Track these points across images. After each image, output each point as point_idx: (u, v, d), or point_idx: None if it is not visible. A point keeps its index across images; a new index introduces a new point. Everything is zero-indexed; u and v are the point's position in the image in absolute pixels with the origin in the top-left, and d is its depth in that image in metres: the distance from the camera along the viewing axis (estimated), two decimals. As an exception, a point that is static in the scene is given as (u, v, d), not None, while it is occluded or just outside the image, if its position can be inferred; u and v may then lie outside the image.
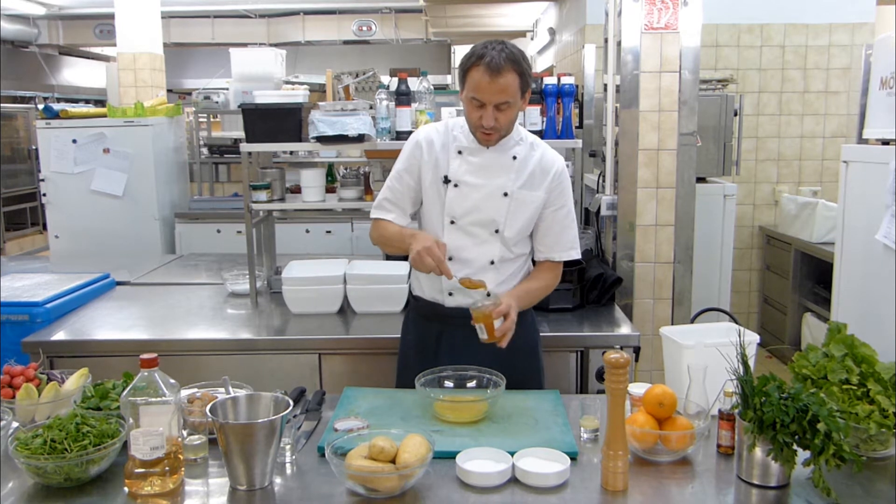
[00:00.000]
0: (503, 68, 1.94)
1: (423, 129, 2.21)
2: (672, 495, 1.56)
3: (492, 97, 1.97)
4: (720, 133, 4.46)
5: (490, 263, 2.14)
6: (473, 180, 2.11)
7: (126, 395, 1.53)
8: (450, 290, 2.16)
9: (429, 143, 2.16)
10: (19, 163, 9.06)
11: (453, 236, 2.13)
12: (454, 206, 2.12)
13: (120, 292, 3.26)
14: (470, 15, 7.58)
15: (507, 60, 1.95)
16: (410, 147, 2.18)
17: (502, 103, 1.98)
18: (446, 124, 2.20)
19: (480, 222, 2.12)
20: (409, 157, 2.17)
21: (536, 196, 2.14)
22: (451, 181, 2.11)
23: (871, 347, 1.74)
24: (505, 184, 2.11)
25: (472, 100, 2.00)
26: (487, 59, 1.94)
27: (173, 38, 9.63)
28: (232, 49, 6.03)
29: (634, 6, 3.06)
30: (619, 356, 1.53)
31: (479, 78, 1.95)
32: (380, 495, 1.51)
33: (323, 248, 5.08)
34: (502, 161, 2.12)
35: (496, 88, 1.96)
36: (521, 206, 2.13)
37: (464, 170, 2.12)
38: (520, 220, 2.14)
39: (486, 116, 2.00)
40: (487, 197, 2.11)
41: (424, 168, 2.15)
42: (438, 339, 2.19)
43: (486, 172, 2.12)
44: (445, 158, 2.14)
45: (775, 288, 5.37)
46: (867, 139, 2.66)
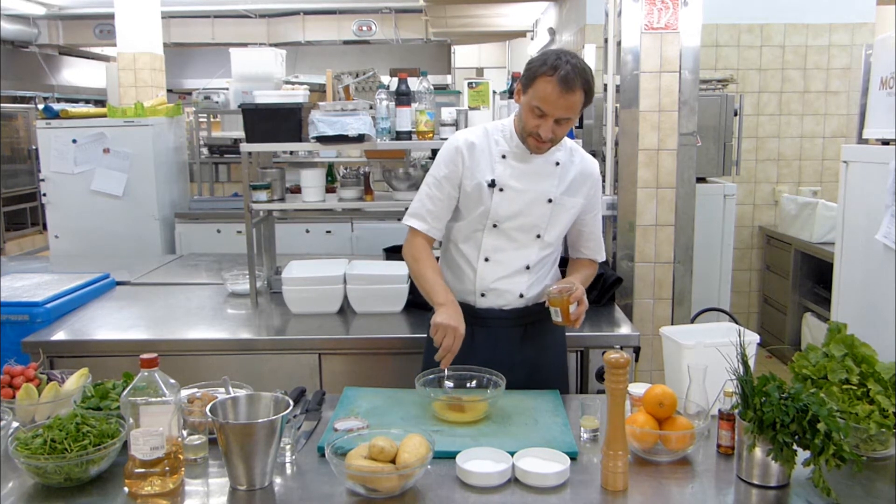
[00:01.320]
0: (575, 85, 1.92)
1: (462, 135, 2.18)
2: (672, 495, 1.56)
3: (557, 111, 1.95)
4: (720, 133, 4.45)
5: (525, 268, 2.15)
6: (519, 185, 2.11)
7: (126, 395, 1.53)
8: (482, 292, 2.17)
9: (469, 147, 2.13)
10: (19, 163, 9.05)
11: (493, 238, 2.14)
12: (499, 210, 2.11)
13: (120, 292, 3.26)
14: (470, 15, 7.58)
15: (579, 77, 1.92)
16: (450, 153, 2.14)
17: (564, 119, 1.98)
18: (485, 129, 2.18)
19: (523, 227, 2.13)
20: (450, 164, 2.14)
21: (576, 202, 2.16)
22: (497, 185, 2.10)
23: (871, 347, 1.74)
24: (549, 189, 2.12)
25: (534, 108, 1.97)
26: (562, 72, 1.91)
27: (173, 38, 9.63)
28: (232, 49, 6.03)
29: (634, 6, 3.06)
30: (619, 356, 1.53)
31: (549, 90, 1.92)
32: (380, 495, 1.51)
33: (323, 248, 5.08)
34: (546, 167, 2.12)
35: (564, 104, 1.94)
36: (562, 211, 2.14)
37: (508, 174, 2.11)
38: (559, 225, 2.16)
39: (545, 128, 1.98)
40: (532, 202, 2.11)
41: (466, 174, 2.13)
42: (470, 339, 2.15)
43: (531, 178, 2.11)
44: (488, 163, 2.12)
45: (775, 288, 5.37)
46: (867, 139, 2.66)
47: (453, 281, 2.21)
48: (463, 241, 2.19)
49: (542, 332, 2.21)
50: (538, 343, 2.20)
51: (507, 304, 2.17)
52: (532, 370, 2.15)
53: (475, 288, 2.17)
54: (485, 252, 2.14)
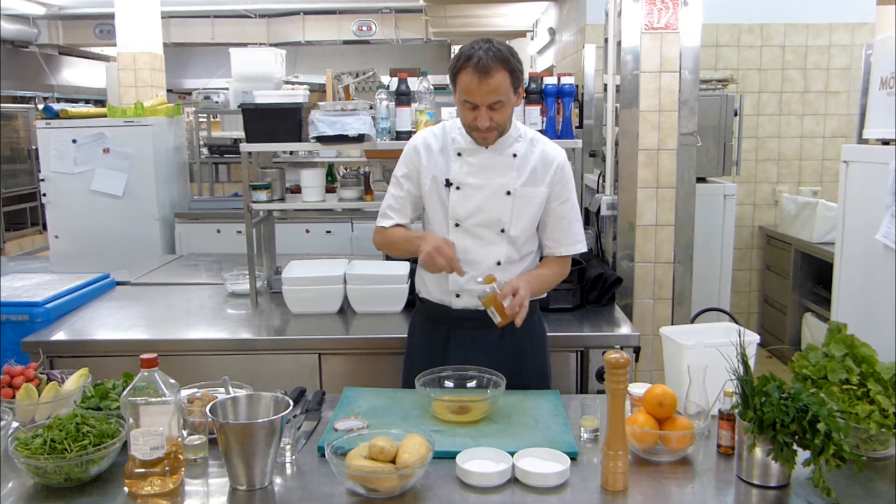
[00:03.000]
0: (492, 68, 1.92)
1: (420, 134, 2.20)
2: (672, 495, 1.56)
3: (483, 98, 1.95)
4: (720, 133, 4.45)
5: (497, 264, 2.13)
6: (475, 181, 2.10)
7: (126, 395, 1.53)
8: (457, 292, 2.15)
9: (426, 147, 2.15)
10: (19, 163, 9.06)
11: (459, 239, 2.12)
12: (458, 208, 2.11)
13: (120, 292, 3.26)
14: (470, 15, 7.58)
15: (494, 59, 1.92)
16: (408, 153, 2.18)
17: (495, 103, 1.97)
18: (443, 126, 2.19)
19: (486, 223, 2.12)
20: (408, 163, 2.17)
21: (539, 192, 2.13)
22: (453, 184, 2.10)
23: (871, 347, 1.74)
24: (507, 182, 2.11)
25: (464, 102, 1.99)
26: (475, 60, 1.92)
27: (173, 38, 9.63)
28: (232, 49, 6.02)
29: (634, 6, 3.06)
30: (619, 356, 1.53)
31: (469, 80, 1.94)
32: (380, 495, 1.51)
33: (323, 248, 5.07)
34: (503, 160, 2.12)
35: (487, 89, 1.94)
36: (525, 203, 2.12)
37: (465, 171, 2.11)
38: (524, 217, 2.13)
39: (481, 118, 1.98)
40: (491, 197, 2.10)
41: (423, 173, 2.14)
42: (447, 341, 2.18)
43: (488, 172, 2.11)
44: (445, 161, 2.13)
45: (775, 288, 5.37)
46: (867, 139, 2.66)
47: (430, 283, 2.20)
48: None
49: (521, 335, 2.15)
50: (517, 346, 2.17)
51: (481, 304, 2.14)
52: (511, 373, 2.05)
53: (450, 288, 2.16)
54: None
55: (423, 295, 2.25)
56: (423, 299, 2.25)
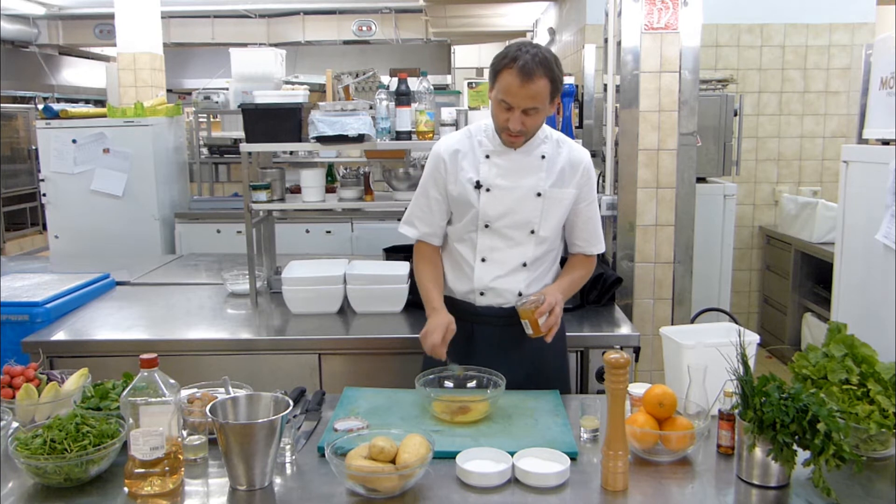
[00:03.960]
0: (535, 73, 1.91)
1: (445, 141, 2.20)
2: (672, 495, 1.56)
3: (521, 101, 1.95)
4: (720, 133, 4.46)
5: (522, 265, 2.14)
6: (505, 183, 2.11)
7: (126, 395, 1.53)
8: (481, 290, 2.16)
9: (451, 153, 2.15)
10: (19, 163, 9.06)
11: (487, 239, 2.13)
12: (488, 210, 2.11)
13: (120, 292, 3.26)
14: (470, 15, 7.58)
15: (539, 65, 1.92)
16: (433, 160, 2.18)
17: (531, 108, 1.97)
18: (469, 130, 2.19)
19: (516, 224, 2.12)
20: (434, 171, 2.17)
21: (568, 193, 2.14)
22: (483, 186, 2.10)
23: (871, 347, 1.74)
24: (537, 184, 2.11)
25: (500, 102, 1.98)
26: (521, 62, 1.91)
27: (173, 38, 9.63)
28: (232, 49, 6.02)
29: (634, 6, 3.06)
30: (619, 356, 1.53)
31: (511, 81, 1.93)
32: (380, 495, 1.51)
33: (323, 248, 5.07)
34: (531, 161, 2.12)
35: (526, 93, 1.93)
36: (554, 204, 2.13)
37: (494, 173, 2.11)
38: (553, 218, 2.15)
39: (514, 120, 1.99)
40: (521, 199, 2.11)
41: (450, 179, 2.14)
42: (470, 337, 2.18)
43: (517, 174, 2.11)
44: (473, 164, 2.13)
45: (775, 288, 5.37)
46: (867, 139, 2.66)
47: (454, 280, 2.22)
48: (458, 242, 2.19)
49: None
50: (538, 342, 2.19)
51: (506, 302, 2.17)
52: (532, 369, 2.15)
53: (474, 287, 2.17)
54: (481, 252, 2.14)
55: (445, 292, 2.24)
56: (447, 296, 2.24)
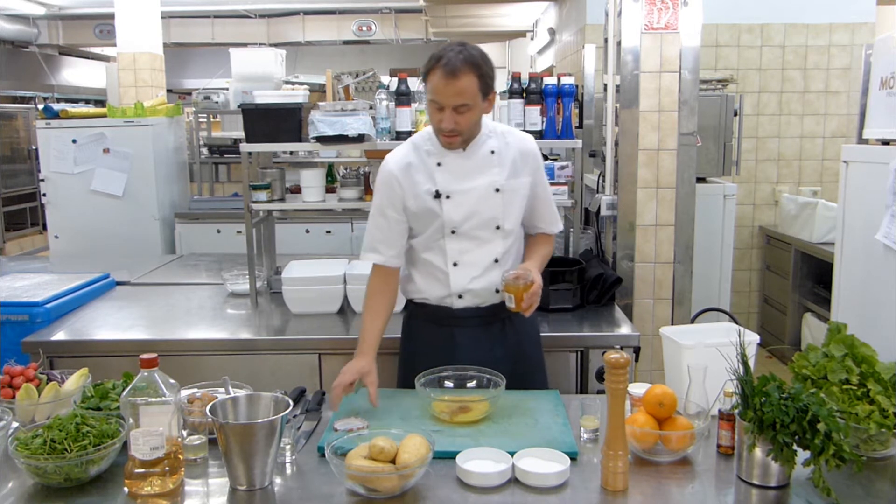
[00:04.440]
0: (460, 70, 1.93)
1: (392, 158, 2.17)
2: (672, 495, 1.56)
3: (449, 99, 1.96)
4: (720, 133, 4.45)
5: (494, 262, 2.14)
6: (463, 187, 2.11)
7: (126, 395, 1.53)
8: (459, 293, 2.15)
9: (403, 168, 2.12)
10: (19, 163, 9.06)
11: (456, 243, 2.12)
12: (453, 216, 2.10)
13: (120, 292, 3.26)
14: (470, 15, 7.58)
15: (463, 63, 1.93)
16: (385, 180, 2.14)
17: (461, 105, 1.97)
18: (413, 143, 2.18)
19: (481, 224, 2.12)
20: (387, 191, 2.13)
21: (523, 182, 2.16)
22: (443, 194, 2.10)
23: (871, 347, 1.74)
24: (493, 180, 2.12)
25: (431, 102, 1.99)
26: (444, 61, 1.93)
27: (173, 38, 9.63)
28: (232, 49, 6.03)
29: (634, 6, 3.06)
30: (619, 356, 1.53)
31: (437, 80, 1.95)
32: (380, 495, 1.51)
33: (323, 248, 5.08)
34: (482, 159, 2.12)
35: (454, 90, 1.94)
36: (513, 196, 2.14)
37: (449, 179, 2.11)
38: (515, 210, 2.16)
39: (446, 119, 1.99)
40: (482, 198, 2.11)
41: (407, 195, 2.11)
42: (451, 340, 2.17)
43: (472, 175, 2.11)
44: (427, 175, 2.11)
45: (775, 288, 5.37)
46: (867, 139, 2.66)
47: (427, 287, 2.19)
48: (426, 251, 2.17)
49: (520, 323, 2.21)
50: (517, 335, 2.21)
51: (483, 301, 2.16)
52: (514, 362, 2.15)
53: (451, 291, 2.16)
54: (452, 257, 2.13)
55: (418, 299, 2.23)
56: (421, 303, 2.23)
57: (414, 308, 2.27)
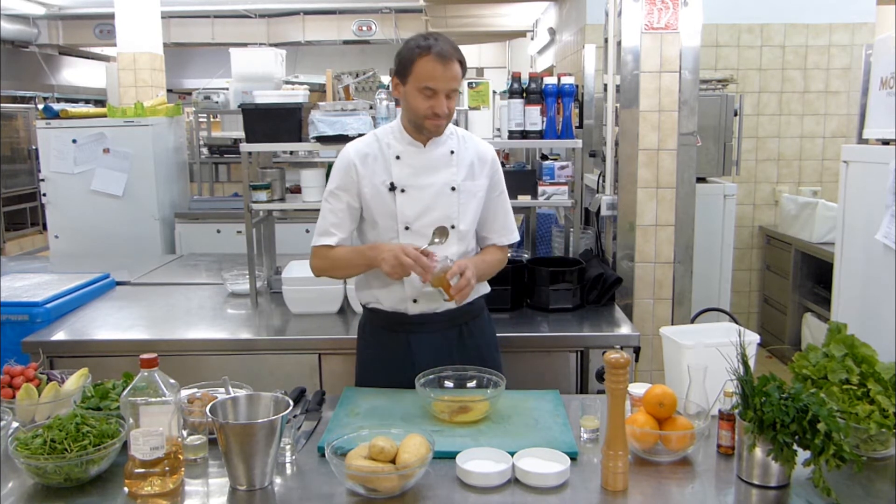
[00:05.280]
0: (452, 56, 2.00)
1: (352, 146, 2.17)
2: (672, 495, 1.56)
3: (445, 84, 2.00)
4: (720, 133, 4.45)
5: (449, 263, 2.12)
6: (419, 181, 2.11)
7: (126, 395, 1.53)
8: (414, 297, 2.13)
9: (362, 156, 2.12)
10: (19, 163, 9.06)
11: (409, 241, 2.09)
12: (406, 210, 2.10)
13: (120, 292, 3.26)
14: (470, 15, 7.59)
15: (452, 49, 2.01)
16: (343, 165, 2.13)
17: (451, 91, 2.03)
18: (375, 135, 2.18)
19: (435, 222, 2.11)
20: (345, 175, 2.12)
21: (480, 184, 2.18)
22: (398, 187, 2.10)
23: (871, 347, 1.74)
24: (450, 178, 2.13)
25: (424, 90, 2.00)
26: (437, 48, 1.98)
27: (173, 38, 9.63)
28: (232, 49, 6.02)
29: (634, 6, 3.06)
30: (619, 356, 1.53)
31: (432, 67, 1.98)
32: (380, 495, 1.51)
33: (323, 248, 5.06)
34: (441, 157, 2.13)
35: (449, 75, 2.00)
36: (469, 197, 2.15)
37: (406, 173, 2.11)
38: (470, 211, 2.16)
39: (440, 104, 2.01)
40: (437, 195, 2.11)
41: (363, 182, 2.11)
42: (408, 347, 2.15)
43: (429, 171, 2.12)
44: (384, 167, 2.11)
45: (775, 288, 5.37)
46: (867, 139, 2.66)
47: (382, 293, 2.16)
48: None
49: (475, 330, 2.21)
50: (474, 342, 2.20)
51: (439, 306, 2.14)
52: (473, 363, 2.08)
53: (406, 295, 2.14)
54: None
55: (372, 306, 2.20)
56: (374, 309, 2.20)
57: (369, 314, 2.24)
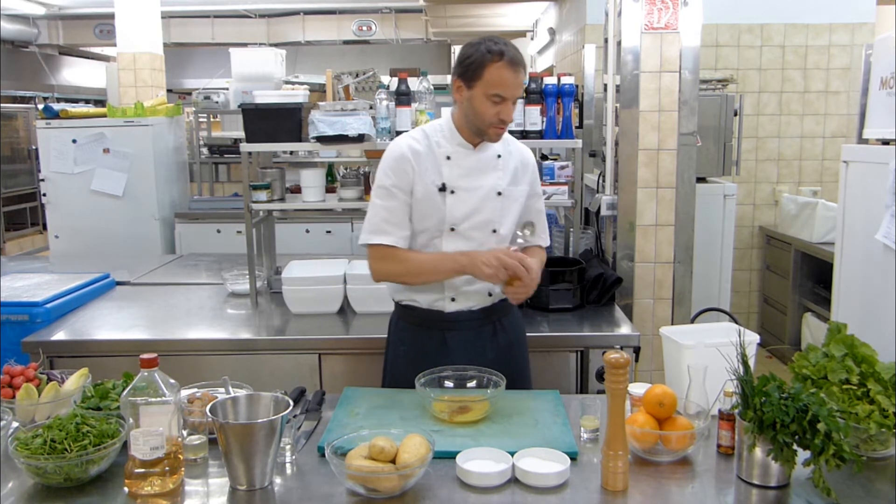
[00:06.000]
0: (521, 63, 2.01)
1: (404, 140, 2.13)
2: (672, 495, 1.56)
3: (515, 91, 2.02)
4: (720, 133, 4.46)
5: None
6: (468, 184, 2.10)
7: (126, 395, 1.53)
8: (452, 296, 2.14)
9: (415, 153, 2.09)
10: (19, 163, 9.06)
11: (452, 243, 2.11)
12: (455, 212, 2.09)
13: (120, 292, 3.26)
14: (470, 15, 7.58)
15: (520, 55, 2.02)
16: (396, 160, 2.08)
17: (517, 98, 2.06)
18: (424, 131, 2.15)
19: (479, 225, 2.11)
20: (399, 171, 2.08)
21: (522, 190, 2.19)
22: (448, 188, 2.09)
23: (871, 347, 1.74)
24: (496, 183, 2.13)
25: (493, 96, 1.99)
26: (509, 55, 1.98)
27: (173, 38, 9.63)
28: (232, 49, 6.03)
29: (634, 6, 3.06)
30: (619, 356, 1.53)
31: (504, 74, 1.97)
32: (380, 495, 1.51)
33: (323, 248, 5.08)
34: (488, 161, 2.13)
35: (518, 83, 2.01)
36: (511, 202, 2.16)
37: (456, 174, 2.10)
38: (511, 216, 2.17)
39: (507, 111, 2.03)
40: (484, 199, 2.11)
41: (416, 179, 2.08)
42: (443, 344, 2.16)
43: (478, 174, 2.12)
44: (434, 166, 2.09)
45: (775, 288, 5.37)
46: (867, 139, 2.66)
47: (419, 290, 2.16)
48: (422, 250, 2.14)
49: (508, 327, 2.22)
50: (506, 338, 2.21)
51: (476, 304, 2.15)
52: (503, 365, 2.10)
53: (444, 294, 2.14)
54: None
55: (406, 303, 2.20)
56: (410, 306, 2.19)
57: (402, 310, 2.23)
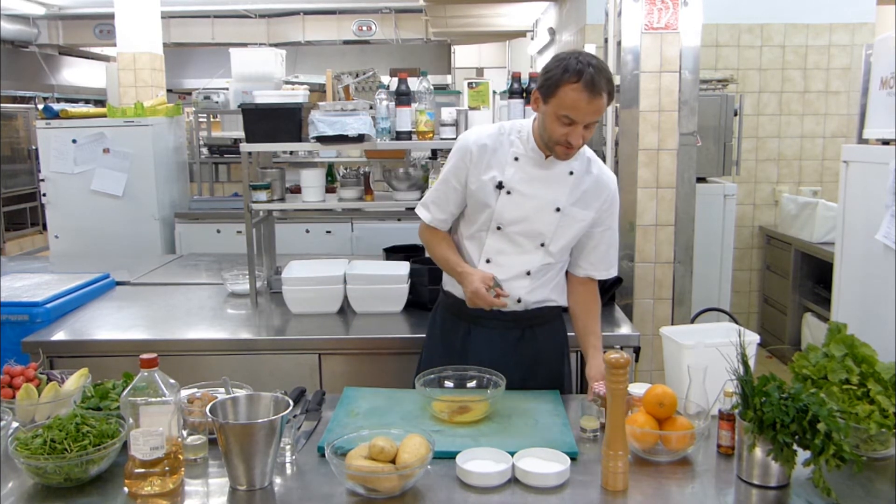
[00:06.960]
0: (601, 89, 1.86)
1: (474, 133, 2.13)
2: (672, 495, 1.56)
3: (587, 117, 1.90)
4: (720, 133, 4.46)
5: (526, 273, 2.11)
6: (528, 190, 2.06)
7: (126, 395, 1.53)
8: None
9: (481, 147, 2.08)
10: (19, 163, 9.05)
11: (496, 241, 2.10)
12: (504, 213, 2.07)
13: (120, 292, 3.26)
14: (470, 15, 7.58)
15: (604, 80, 1.87)
16: (460, 150, 2.11)
17: (592, 122, 1.93)
18: (500, 127, 2.12)
19: (527, 233, 2.08)
20: (458, 162, 2.10)
21: (587, 215, 2.10)
22: (505, 188, 2.06)
23: (871, 347, 1.74)
24: (558, 198, 2.06)
25: (562, 117, 1.90)
26: (587, 77, 1.84)
27: (173, 38, 9.63)
28: (232, 49, 6.02)
29: (634, 6, 3.06)
30: (619, 356, 1.53)
31: (577, 97, 1.86)
32: (380, 495, 1.51)
33: (323, 248, 5.08)
34: (559, 175, 2.07)
35: (593, 109, 1.88)
36: (570, 222, 2.09)
37: (518, 178, 2.06)
38: (566, 236, 2.10)
39: (576, 135, 1.92)
40: (539, 209, 2.06)
41: (472, 172, 2.08)
42: (467, 336, 2.17)
43: (541, 184, 2.06)
44: (500, 163, 2.07)
45: (775, 288, 5.37)
46: (867, 139, 2.66)
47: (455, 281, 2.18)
48: (467, 240, 2.16)
49: (540, 336, 2.18)
50: (535, 347, 2.18)
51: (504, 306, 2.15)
52: (527, 373, 2.13)
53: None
54: (486, 253, 2.11)
55: (448, 288, 2.22)
56: (448, 292, 2.22)
57: (443, 297, 2.27)
